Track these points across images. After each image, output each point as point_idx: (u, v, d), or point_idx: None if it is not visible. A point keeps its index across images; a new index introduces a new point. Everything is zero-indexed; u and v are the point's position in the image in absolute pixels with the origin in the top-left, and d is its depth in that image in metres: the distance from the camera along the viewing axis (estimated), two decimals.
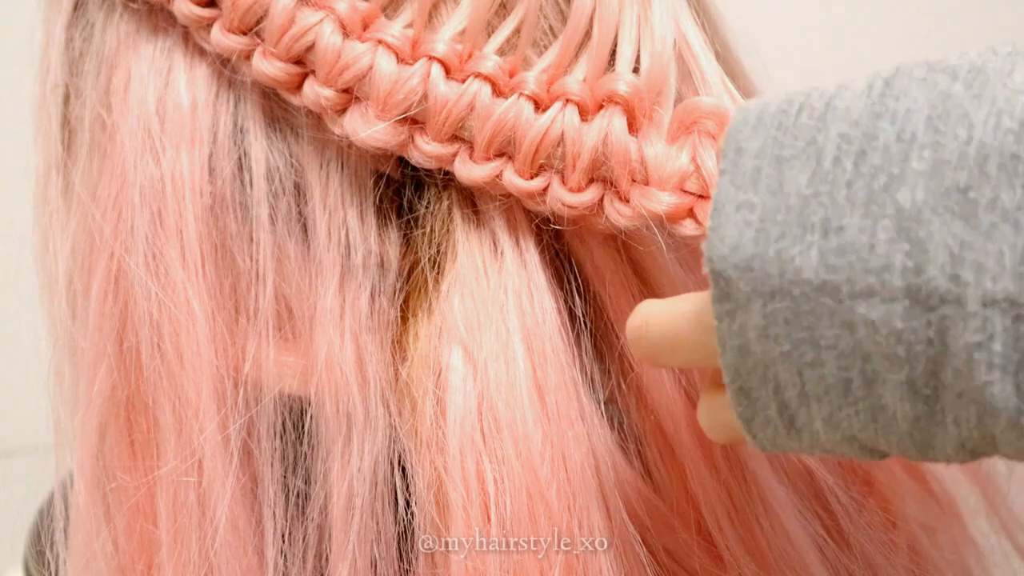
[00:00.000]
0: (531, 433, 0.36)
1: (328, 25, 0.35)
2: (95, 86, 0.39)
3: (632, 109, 0.35)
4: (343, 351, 0.37)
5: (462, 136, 0.36)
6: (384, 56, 0.35)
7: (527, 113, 0.35)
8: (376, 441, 0.37)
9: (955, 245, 0.23)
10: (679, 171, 0.35)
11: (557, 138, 0.35)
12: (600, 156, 0.35)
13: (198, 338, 0.37)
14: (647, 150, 0.35)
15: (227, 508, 0.37)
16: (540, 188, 0.36)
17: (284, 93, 0.37)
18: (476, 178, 0.36)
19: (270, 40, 0.36)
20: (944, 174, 0.24)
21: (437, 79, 0.35)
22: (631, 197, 0.35)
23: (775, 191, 0.26)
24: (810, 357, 0.26)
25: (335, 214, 0.37)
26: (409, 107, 0.35)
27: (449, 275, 0.37)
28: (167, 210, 0.37)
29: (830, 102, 0.26)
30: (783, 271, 0.25)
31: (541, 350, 0.37)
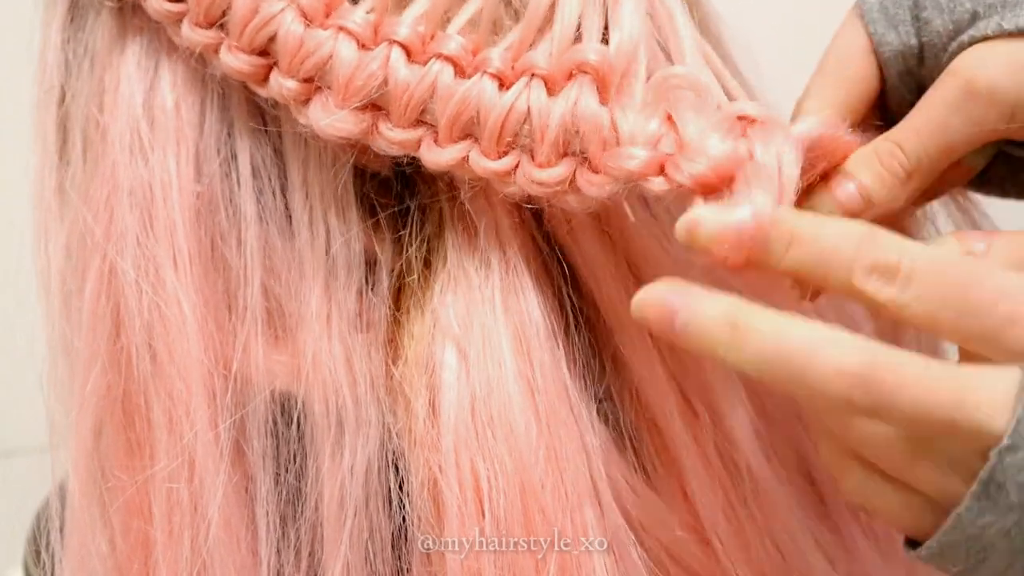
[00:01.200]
0: (524, 431, 0.36)
1: (289, 14, 0.35)
2: (88, 87, 0.39)
3: (603, 78, 0.34)
4: (331, 350, 0.37)
5: (426, 120, 0.35)
6: (345, 42, 0.35)
7: (490, 91, 0.34)
8: (368, 440, 0.37)
9: None
10: (652, 134, 0.34)
11: (523, 114, 0.34)
12: (569, 128, 0.34)
13: (188, 337, 0.37)
14: (619, 119, 0.34)
15: (219, 506, 0.37)
16: (509, 167, 0.35)
17: (252, 86, 0.36)
18: (442, 162, 0.35)
19: (234, 32, 0.36)
20: None
21: (397, 63, 0.35)
22: (603, 162, 0.34)
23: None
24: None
25: (315, 211, 0.37)
26: (369, 93, 0.35)
27: (441, 274, 0.37)
28: (156, 211, 0.37)
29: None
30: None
31: (529, 349, 0.36)
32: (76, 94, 0.39)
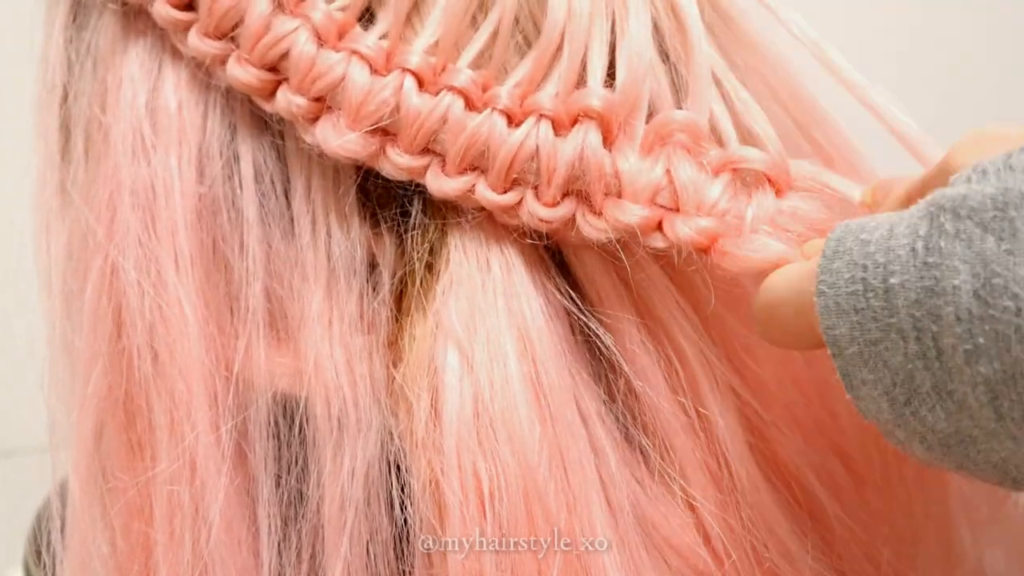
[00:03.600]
0: (527, 433, 0.36)
1: (303, 33, 0.35)
2: (91, 87, 0.39)
3: (607, 123, 0.35)
4: (332, 353, 0.37)
5: (434, 149, 0.36)
6: (357, 66, 0.35)
7: (500, 128, 0.35)
8: (369, 442, 0.37)
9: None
10: (652, 184, 0.35)
11: (531, 153, 0.35)
12: (576, 171, 0.35)
13: (190, 338, 0.37)
14: (621, 164, 0.35)
15: (221, 508, 0.37)
16: (513, 202, 0.36)
17: (258, 100, 0.37)
18: (448, 191, 0.36)
19: (245, 46, 0.36)
20: (1011, 347, 0.26)
21: (410, 91, 0.35)
22: (604, 210, 0.35)
23: (883, 366, 0.29)
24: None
25: (318, 215, 0.37)
26: (381, 118, 0.35)
27: (444, 276, 0.37)
28: (158, 212, 0.37)
29: (887, 280, 0.29)
30: (923, 424, 0.29)
31: (533, 351, 0.37)
32: (78, 94, 0.39)
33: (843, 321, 0.30)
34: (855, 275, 0.29)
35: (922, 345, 0.28)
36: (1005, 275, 0.26)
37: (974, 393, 0.27)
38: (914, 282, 0.28)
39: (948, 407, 0.28)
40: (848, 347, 0.30)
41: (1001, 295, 0.26)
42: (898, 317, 0.28)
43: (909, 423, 0.30)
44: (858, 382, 0.30)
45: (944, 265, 0.27)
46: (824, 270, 0.30)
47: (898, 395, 0.29)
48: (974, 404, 0.28)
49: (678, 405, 0.38)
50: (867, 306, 0.29)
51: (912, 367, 0.28)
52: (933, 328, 0.27)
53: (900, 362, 0.29)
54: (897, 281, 0.28)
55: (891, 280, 0.28)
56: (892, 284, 0.28)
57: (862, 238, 0.30)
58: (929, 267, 0.27)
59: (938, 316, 0.27)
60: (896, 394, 0.29)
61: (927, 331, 0.28)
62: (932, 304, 0.27)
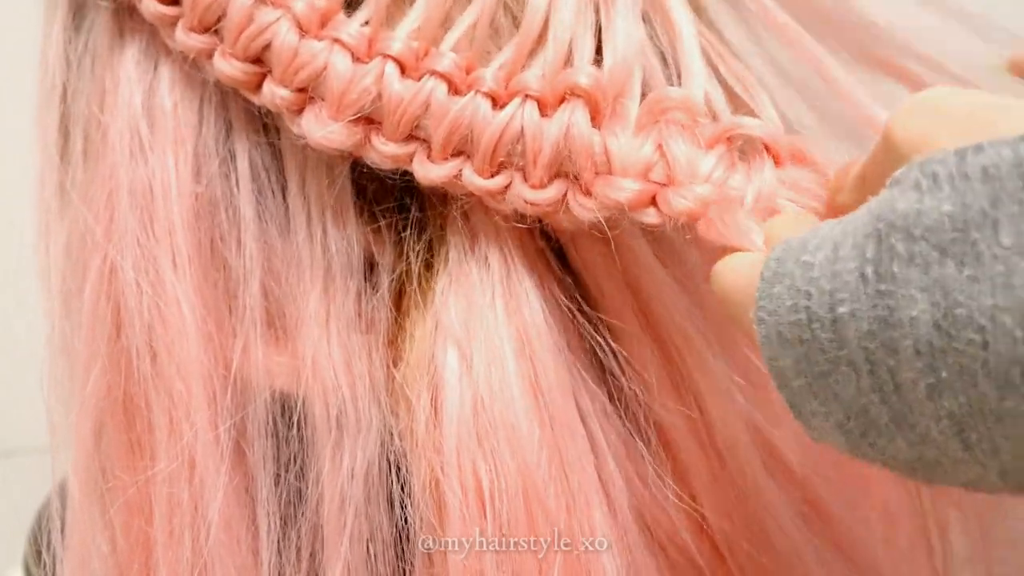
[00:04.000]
0: (527, 433, 0.35)
1: (284, 23, 0.35)
2: (89, 87, 0.39)
3: (595, 102, 0.35)
4: (330, 352, 0.37)
5: (419, 136, 0.35)
6: (339, 55, 0.35)
7: (484, 110, 0.35)
8: (368, 442, 0.37)
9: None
10: (643, 160, 0.34)
11: (516, 134, 0.35)
12: (562, 151, 0.35)
13: (188, 337, 0.37)
14: (611, 142, 0.34)
15: (220, 507, 0.37)
16: (501, 187, 0.35)
17: (245, 93, 0.37)
18: (434, 178, 0.35)
19: (229, 39, 0.36)
20: (977, 382, 0.24)
21: (391, 78, 0.35)
22: (594, 188, 0.34)
23: (833, 399, 0.27)
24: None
25: (313, 213, 0.37)
26: (363, 107, 0.35)
27: (442, 275, 0.37)
28: (156, 212, 0.37)
29: (834, 309, 0.26)
30: (883, 453, 0.27)
31: (532, 350, 0.36)
32: (77, 94, 0.39)
33: (787, 352, 0.27)
34: (798, 303, 0.27)
35: (877, 379, 0.26)
36: (969, 304, 0.23)
37: (938, 427, 0.25)
38: (866, 311, 0.25)
39: (910, 438, 0.26)
40: (794, 379, 0.28)
41: (965, 327, 0.23)
42: (848, 349, 0.26)
43: (868, 453, 0.27)
44: (807, 413, 0.28)
45: (899, 294, 0.24)
46: (763, 295, 0.28)
47: (853, 428, 0.27)
48: (938, 437, 0.25)
49: (678, 403, 0.38)
50: (813, 337, 0.26)
51: (866, 401, 0.26)
52: (889, 362, 0.25)
53: (853, 395, 0.26)
54: (846, 310, 0.26)
55: (839, 309, 0.26)
56: (840, 314, 0.26)
57: (804, 260, 0.27)
58: (882, 295, 0.25)
59: (895, 349, 0.25)
60: (851, 427, 0.27)
61: (882, 364, 0.25)
62: (887, 336, 0.25)
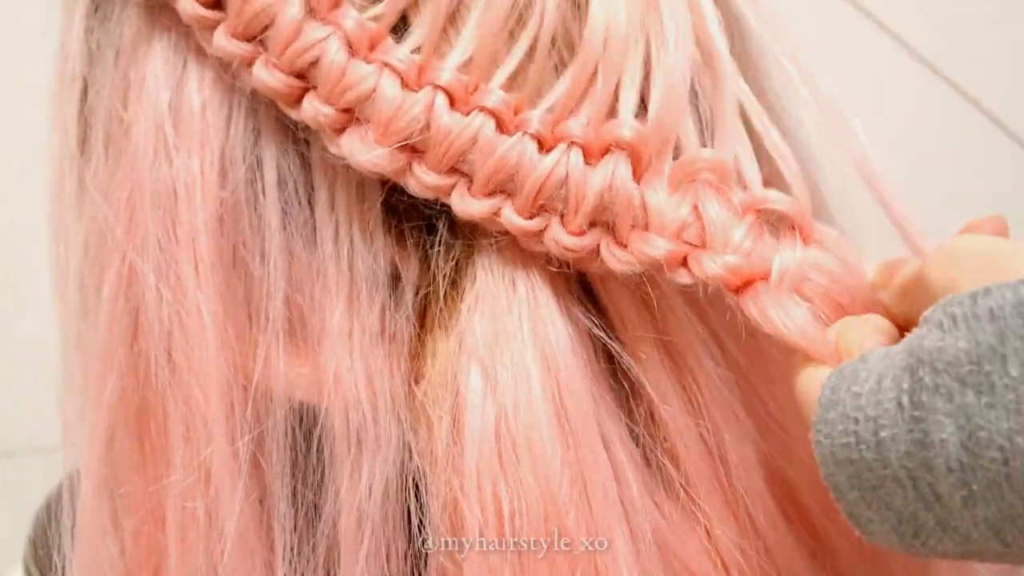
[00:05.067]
0: (549, 456, 0.35)
1: (335, 42, 0.34)
2: (112, 81, 0.38)
3: (637, 155, 0.35)
4: (352, 366, 0.36)
5: (462, 169, 0.35)
6: (388, 80, 0.34)
7: (531, 152, 0.35)
8: (388, 459, 0.36)
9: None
10: (679, 220, 0.35)
11: (561, 180, 0.35)
12: (604, 201, 0.35)
13: (207, 346, 0.36)
14: (649, 197, 0.35)
15: (236, 520, 0.36)
16: (539, 228, 0.35)
17: (282, 106, 0.36)
18: (473, 213, 0.35)
19: (274, 50, 0.35)
20: (1004, 493, 0.28)
21: (441, 109, 0.34)
22: (629, 243, 0.35)
23: (885, 508, 0.31)
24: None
25: (341, 227, 0.36)
26: (411, 135, 0.34)
27: (468, 295, 0.37)
28: (179, 215, 0.36)
29: (878, 433, 0.30)
30: (935, 550, 0.31)
31: (557, 373, 0.36)
32: (99, 87, 0.38)
33: (840, 470, 0.31)
34: (847, 427, 0.30)
35: (919, 491, 0.29)
36: (988, 428, 0.27)
37: (977, 530, 0.29)
38: (903, 436, 0.29)
39: (955, 539, 0.30)
40: (848, 493, 0.31)
41: (987, 447, 0.27)
42: (892, 468, 0.29)
43: (920, 550, 0.31)
44: (864, 520, 0.31)
45: (930, 419, 0.28)
46: (820, 420, 0.31)
47: (905, 531, 0.31)
48: (979, 538, 0.29)
49: (698, 433, 0.38)
50: (860, 457, 0.30)
51: (914, 508, 0.30)
52: (928, 478, 0.29)
53: (901, 504, 0.30)
54: (887, 435, 0.29)
55: (882, 434, 0.29)
56: (883, 438, 0.29)
57: (854, 390, 0.31)
58: (916, 421, 0.29)
59: (931, 467, 0.28)
60: (903, 530, 0.31)
61: (922, 480, 0.29)
62: (923, 456, 0.29)
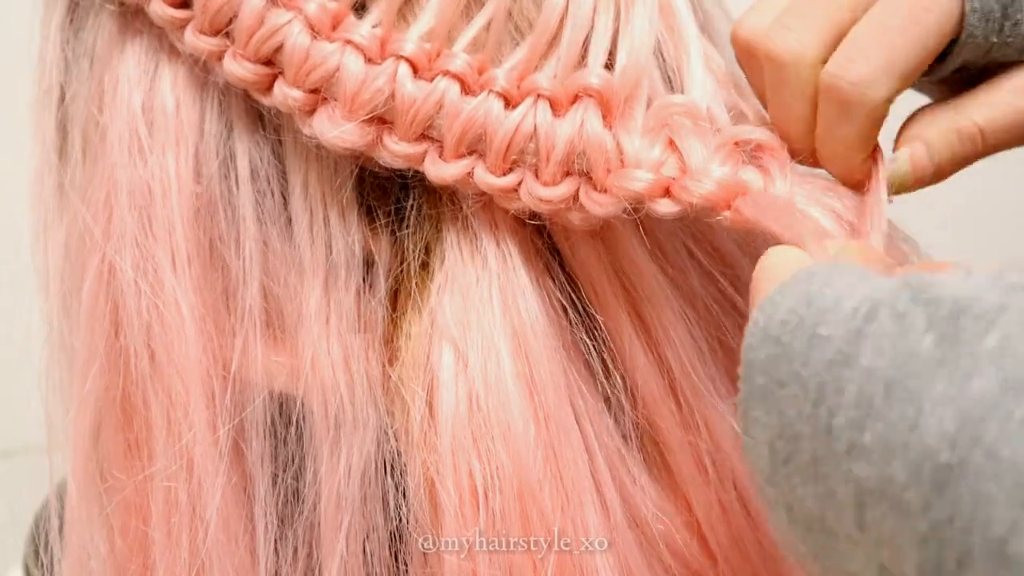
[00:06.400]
0: (522, 432, 0.36)
1: (296, 25, 0.35)
2: (88, 87, 0.39)
3: (607, 102, 0.35)
4: (329, 351, 0.37)
5: (431, 135, 0.36)
6: (351, 56, 0.35)
7: (497, 110, 0.35)
8: (365, 442, 0.37)
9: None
10: (656, 159, 0.35)
11: (529, 133, 0.35)
12: (575, 149, 0.35)
13: (187, 337, 0.37)
14: (624, 142, 0.35)
15: (218, 507, 0.37)
16: (513, 184, 0.36)
17: (255, 94, 0.37)
18: (446, 177, 0.36)
19: (240, 41, 0.36)
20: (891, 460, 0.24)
21: (404, 78, 0.35)
22: (608, 183, 0.35)
23: (776, 413, 0.28)
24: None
25: (316, 213, 0.37)
26: (376, 107, 0.35)
27: (438, 274, 0.37)
28: (155, 212, 0.37)
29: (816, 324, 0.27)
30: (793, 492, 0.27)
31: (528, 349, 0.37)
32: (76, 94, 0.39)
33: (763, 348, 0.28)
34: (796, 308, 0.27)
35: (816, 411, 0.26)
36: (920, 383, 0.23)
37: (843, 489, 0.25)
38: (837, 342, 0.26)
39: (818, 491, 0.26)
40: (756, 376, 0.28)
41: (907, 402, 0.23)
42: (808, 371, 0.26)
43: (780, 485, 0.27)
44: (751, 419, 0.29)
45: (872, 338, 0.25)
46: (776, 293, 0.29)
47: (779, 449, 0.27)
48: (841, 500, 0.25)
49: (671, 403, 0.38)
50: (789, 342, 0.27)
51: (800, 429, 0.26)
52: (831, 400, 0.25)
53: (792, 417, 0.27)
54: (825, 332, 0.26)
55: (820, 329, 0.26)
56: (819, 333, 0.26)
57: (827, 281, 0.28)
58: (860, 336, 0.25)
59: (841, 390, 0.25)
60: (778, 447, 0.27)
61: (825, 400, 0.25)
62: (841, 374, 0.25)
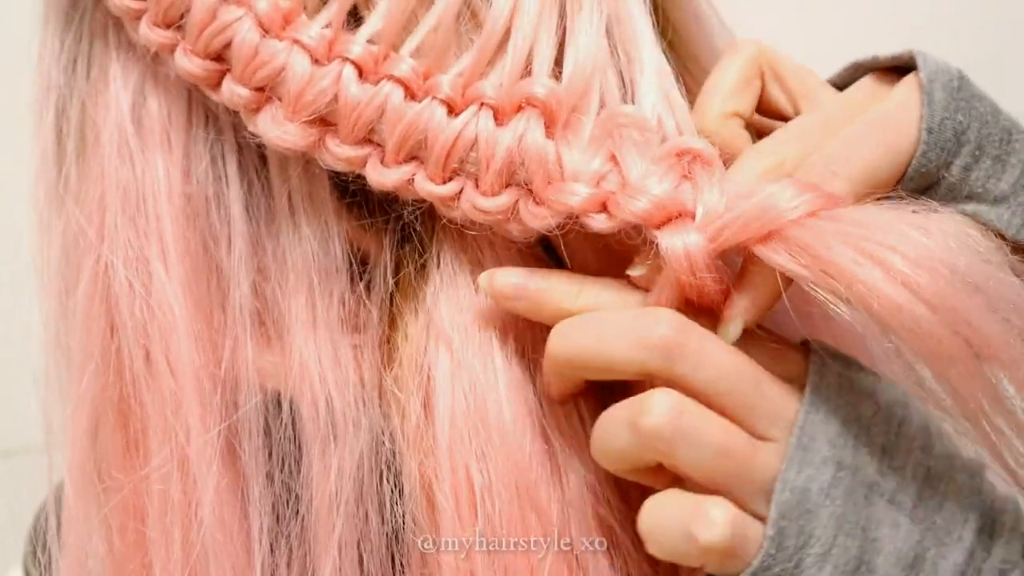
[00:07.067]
0: (518, 433, 0.35)
1: (247, 22, 0.35)
2: (82, 89, 0.39)
3: (550, 112, 0.34)
4: (318, 352, 0.37)
5: (373, 139, 0.35)
6: (298, 56, 0.35)
7: (439, 117, 0.34)
8: (358, 442, 0.37)
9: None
10: (595, 172, 0.34)
11: (470, 142, 0.34)
12: (515, 159, 0.34)
13: (180, 337, 0.37)
14: (564, 154, 0.34)
15: (212, 506, 0.37)
16: (453, 193, 0.35)
17: (205, 90, 0.36)
18: (387, 182, 0.35)
19: (191, 35, 0.35)
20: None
21: (348, 80, 0.34)
22: (545, 196, 0.34)
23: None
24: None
25: (299, 214, 0.37)
26: (319, 108, 0.35)
27: (434, 275, 0.37)
28: (146, 213, 0.37)
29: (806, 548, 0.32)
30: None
31: (523, 349, 0.36)
32: (72, 96, 0.39)
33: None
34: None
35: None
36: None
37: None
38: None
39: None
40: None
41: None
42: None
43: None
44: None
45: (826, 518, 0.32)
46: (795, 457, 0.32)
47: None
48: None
49: None
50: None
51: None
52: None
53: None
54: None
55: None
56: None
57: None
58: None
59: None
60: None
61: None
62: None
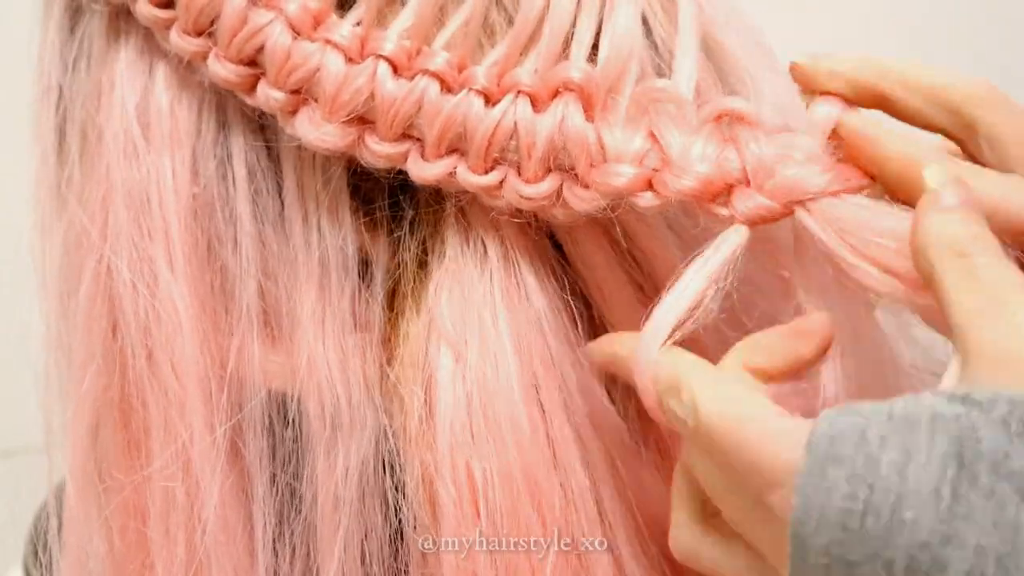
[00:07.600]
0: (521, 431, 0.36)
1: (278, 25, 0.35)
2: (85, 89, 0.39)
3: (588, 96, 0.35)
4: (326, 351, 0.37)
5: (413, 135, 0.36)
6: (332, 56, 0.35)
7: (477, 108, 0.35)
8: (363, 441, 0.37)
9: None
10: (636, 150, 0.35)
11: (510, 130, 0.35)
12: (556, 144, 0.35)
13: (184, 338, 0.37)
14: (605, 136, 0.35)
15: (216, 506, 0.37)
16: (496, 182, 0.35)
17: (240, 95, 0.37)
18: (429, 176, 0.35)
19: (222, 42, 0.36)
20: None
21: (384, 77, 0.35)
22: (590, 178, 0.35)
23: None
24: None
25: (310, 213, 0.37)
26: (356, 107, 0.35)
27: (436, 273, 0.37)
28: (152, 213, 0.37)
29: (896, 510, 0.27)
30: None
31: (530, 347, 0.36)
32: (73, 95, 0.39)
33: (823, 531, 0.27)
34: (856, 491, 0.27)
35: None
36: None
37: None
38: (929, 524, 0.26)
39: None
40: (815, 558, 0.27)
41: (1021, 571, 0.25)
42: (892, 550, 0.26)
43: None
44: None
45: (973, 519, 0.26)
46: (813, 471, 0.28)
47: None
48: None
49: None
50: (861, 527, 0.27)
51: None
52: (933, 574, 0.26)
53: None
54: (911, 516, 0.26)
55: (904, 513, 0.26)
56: (904, 517, 0.26)
57: (869, 453, 0.27)
58: (953, 516, 0.26)
59: (944, 566, 0.26)
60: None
61: (920, 573, 0.26)
62: (943, 553, 0.26)
